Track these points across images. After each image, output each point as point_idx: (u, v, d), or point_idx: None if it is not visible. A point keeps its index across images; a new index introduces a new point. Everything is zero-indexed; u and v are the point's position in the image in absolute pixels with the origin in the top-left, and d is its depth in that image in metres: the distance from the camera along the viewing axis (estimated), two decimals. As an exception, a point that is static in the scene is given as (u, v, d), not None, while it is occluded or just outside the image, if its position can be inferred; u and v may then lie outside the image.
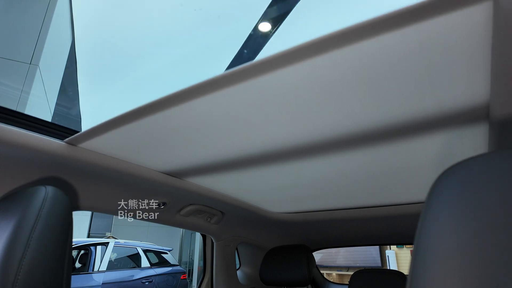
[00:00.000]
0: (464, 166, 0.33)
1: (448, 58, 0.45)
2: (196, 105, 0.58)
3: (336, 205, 1.37)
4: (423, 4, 0.35)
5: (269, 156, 0.83)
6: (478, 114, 0.58)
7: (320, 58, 0.45)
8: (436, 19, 0.37)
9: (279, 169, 0.94)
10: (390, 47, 0.43)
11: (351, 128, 0.66)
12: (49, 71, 2.61)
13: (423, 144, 0.73)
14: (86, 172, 0.81)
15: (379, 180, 1.02)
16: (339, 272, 5.37)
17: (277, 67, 0.47)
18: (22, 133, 0.65)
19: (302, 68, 0.47)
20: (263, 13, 3.00)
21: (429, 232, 0.30)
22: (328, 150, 0.78)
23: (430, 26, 0.39)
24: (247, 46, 3.44)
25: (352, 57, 0.45)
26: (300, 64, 0.46)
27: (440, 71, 0.48)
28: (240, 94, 0.54)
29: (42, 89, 2.52)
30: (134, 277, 5.18)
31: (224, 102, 0.57)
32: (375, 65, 0.46)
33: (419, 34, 0.40)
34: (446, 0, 0.35)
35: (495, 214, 0.27)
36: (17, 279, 0.47)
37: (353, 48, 0.43)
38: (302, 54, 0.45)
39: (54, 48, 2.70)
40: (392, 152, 0.78)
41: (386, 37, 0.40)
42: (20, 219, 0.52)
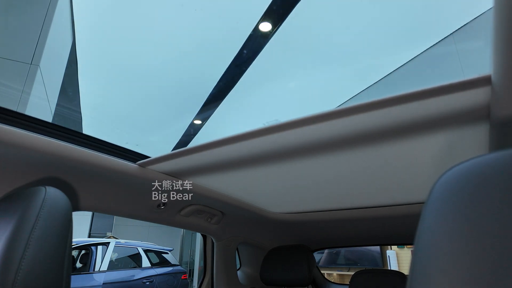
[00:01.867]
0: (465, 167, 0.32)
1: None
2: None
3: (336, 206, 1.37)
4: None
5: (269, 156, 0.83)
6: (479, 114, 0.58)
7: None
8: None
9: (279, 169, 0.94)
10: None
11: (351, 128, 0.66)
12: (49, 71, 2.62)
13: (424, 144, 0.72)
14: (85, 172, 0.81)
15: (379, 180, 1.02)
16: (340, 272, 5.36)
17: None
18: (22, 133, 0.65)
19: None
20: (263, 13, 3.00)
21: (429, 232, 0.30)
22: (328, 150, 0.78)
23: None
24: (247, 46, 3.44)
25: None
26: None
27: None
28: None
29: (43, 90, 2.53)
30: (134, 277, 5.18)
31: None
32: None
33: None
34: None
35: (496, 215, 0.27)
36: (17, 279, 0.47)
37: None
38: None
39: (55, 48, 2.70)
40: (393, 152, 0.78)
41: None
42: (20, 220, 0.52)
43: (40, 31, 2.40)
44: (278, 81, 4.24)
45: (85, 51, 3.60)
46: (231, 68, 3.80)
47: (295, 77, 4.15)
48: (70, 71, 3.49)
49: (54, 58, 2.76)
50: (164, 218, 1.20)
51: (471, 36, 3.05)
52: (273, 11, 2.99)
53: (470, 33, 3.08)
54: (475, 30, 3.01)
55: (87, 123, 5.02)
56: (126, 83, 4.25)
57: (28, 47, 2.34)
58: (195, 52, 3.64)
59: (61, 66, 3.17)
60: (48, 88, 2.66)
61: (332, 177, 1.01)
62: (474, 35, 3.01)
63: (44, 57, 2.39)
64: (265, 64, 3.75)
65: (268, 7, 2.95)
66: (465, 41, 3.09)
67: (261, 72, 3.90)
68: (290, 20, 3.09)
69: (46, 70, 2.49)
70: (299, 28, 3.26)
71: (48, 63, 2.52)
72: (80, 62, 3.75)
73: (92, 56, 3.71)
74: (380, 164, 0.87)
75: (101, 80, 4.21)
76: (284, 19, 3.09)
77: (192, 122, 5.18)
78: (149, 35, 3.36)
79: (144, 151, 0.95)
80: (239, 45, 3.43)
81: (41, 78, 2.40)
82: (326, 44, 3.55)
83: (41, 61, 2.35)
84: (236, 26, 3.21)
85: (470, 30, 3.09)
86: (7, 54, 2.28)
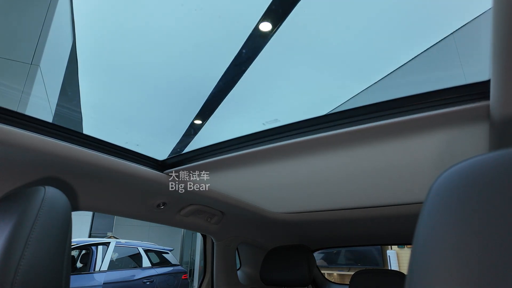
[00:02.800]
0: (464, 166, 0.32)
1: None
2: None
3: (336, 205, 1.37)
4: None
5: (269, 155, 0.83)
6: (479, 114, 0.57)
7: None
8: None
9: (279, 168, 0.94)
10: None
11: (351, 128, 0.66)
12: (50, 71, 2.62)
13: (424, 144, 0.72)
14: (85, 172, 0.81)
15: (379, 180, 1.02)
16: (340, 272, 5.36)
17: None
18: (21, 133, 0.65)
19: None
20: (263, 12, 3.00)
21: (427, 232, 0.30)
22: (328, 149, 0.78)
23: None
24: (247, 46, 3.44)
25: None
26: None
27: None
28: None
29: (43, 90, 2.53)
30: (135, 277, 5.19)
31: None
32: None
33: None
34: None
35: (495, 215, 0.27)
36: (16, 279, 0.47)
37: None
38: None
39: (55, 48, 2.70)
40: (393, 151, 0.78)
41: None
42: (19, 220, 0.52)
43: (40, 31, 2.40)
44: (278, 81, 4.24)
45: (85, 51, 3.60)
46: (231, 68, 3.80)
47: (295, 77, 4.15)
48: (70, 70, 3.49)
49: (54, 58, 2.76)
50: (164, 218, 1.20)
51: (471, 36, 3.05)
52: (273, 11, 2.99)
53: (471, 33, 3.07)
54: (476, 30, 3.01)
55: (87, 123, 5.03)
56: (126, 83, 4.25)
57: (28, 47, 2.34)
58: (195, 52, 3.64)
59: (61, 66, 3.17)
60: (48, 88, 2.65)
61: (333, 176, 1.01)
62: (475, 35, 3.00)
63: (44, 57, 2.39)
64: (265, 64, 3.75)
65: (268, 7, 2.95)
66: (466, 41, 3.09)
67: (261, 71, 3.90)
68: (290, 20, 3.09)
69: (46, 70, 2.49)
70: (299, 28, 3.26)
71: (48, 63, 2.52)
72: (80, 62, 3.75)
73: (92, 56, 3.71)
74: (380, 163, 0.86)
75: (101, 80, 4.21)
76: (284, 19, 3.09)
77: (193, 122, 5.19)
78: (149, 35, 3.36)
79: (144, 151, 0.95)
80: (240, 45, 3.43)
81: (41, 78, 2.40)
82: (326, 44, 3.55)
83: (41, 61, 2.35)
84: (237, 26, 3.21)
85: (470, 30, 3.09)
86: (7, 54, 2.28)
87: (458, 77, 2.96)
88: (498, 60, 0.43)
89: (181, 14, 3.09)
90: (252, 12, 3.03)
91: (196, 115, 4.98)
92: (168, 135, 5.85)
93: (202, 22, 3.20)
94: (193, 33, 3.35)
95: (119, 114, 5.29)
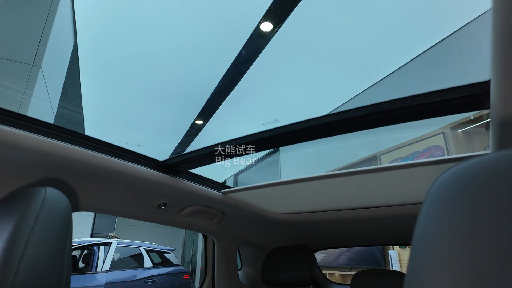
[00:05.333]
0: (463, 167, 0.32)
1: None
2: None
3: (337, 206, 1.37)
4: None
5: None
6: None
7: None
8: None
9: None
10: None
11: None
12: (51, 72, 2.62)
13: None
14: (85, 173, 0.81)
15: (380, 180, 1.02)
16: (342, 272, 5.35)
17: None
18: (22, 134, 0.65)
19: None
20: (264, 12, 3.00)
21: (425, 232, 0.30)
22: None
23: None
24: (248, 46, 3.44)
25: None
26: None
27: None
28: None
29: (45, 91, 2.53)
30: (137, 277, 5.19)
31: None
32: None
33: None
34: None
35: (494, 215, 0.26)
36: (16, 280, 0.47)
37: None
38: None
39: (57, 48, 2.71)
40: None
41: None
42: (19, 220, 0.52)
43: (42, 32, 2.41)
44: (278, 81, 4.24)
45: (87, 52, 3.61)
46: (232, 68, 3.80)
47: (296, 77, 4.15)
48: (71, 71, 3.50)
49: (55, 59, 2.77)
50: (165, 219, 1.20)
51: (472, 36, 3.04)
52: (274, 11, 2.99)
53: (471, 32, 3.06)
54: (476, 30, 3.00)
55: (89, 124, 5.04)
56: (127, 84, 4.26)
57: (29, 47, 2.35)
58: (197, 52, 3.64)
59: (63, 67, 3.18)
60: (50, 89, 2.66)
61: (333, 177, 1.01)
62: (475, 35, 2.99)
63: (46, 57, 2.39)
64: (266, 64, 3.75)
65: (269, 7, 2.95)
66: (466, 41, 3.08)
67: (262, 72, 3.90)
68: (291, 20, 3.09)
69: (48, 71, 2.50)
70: (299, 28, 3.26)
71: (49, 64, 2.53)
72: (82, 63, 3.76)
73: (93, 57, 3.72)
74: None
75: (102, 81, 4.22)
76: (285, 19, 3.09)
77: (194, 122, 5.19)
78: (151, 35, 3.37)
79: (146, 152, 0.95)
80: (241, 45, 3.44)
81: (42, 79, 2.40)
82: (326, 44, 3.54)
83: (42, 62, 2.36)
84: (237, 26, 3.21)
85: (471, 30, 3.08)
86: (9, 55, 2.28)
87: (458, 77, 2.95)
88: (498, 60, 0.42)
89: (182, 14, 3.10)
90: (253, 12, 3.03)
91: (197, 115, 4.98)
92: (169, 135, 5.86)
93: (203, 23, 3.20)
94: (194, 33, 3.35)
95: (121, 115, 5.30)
